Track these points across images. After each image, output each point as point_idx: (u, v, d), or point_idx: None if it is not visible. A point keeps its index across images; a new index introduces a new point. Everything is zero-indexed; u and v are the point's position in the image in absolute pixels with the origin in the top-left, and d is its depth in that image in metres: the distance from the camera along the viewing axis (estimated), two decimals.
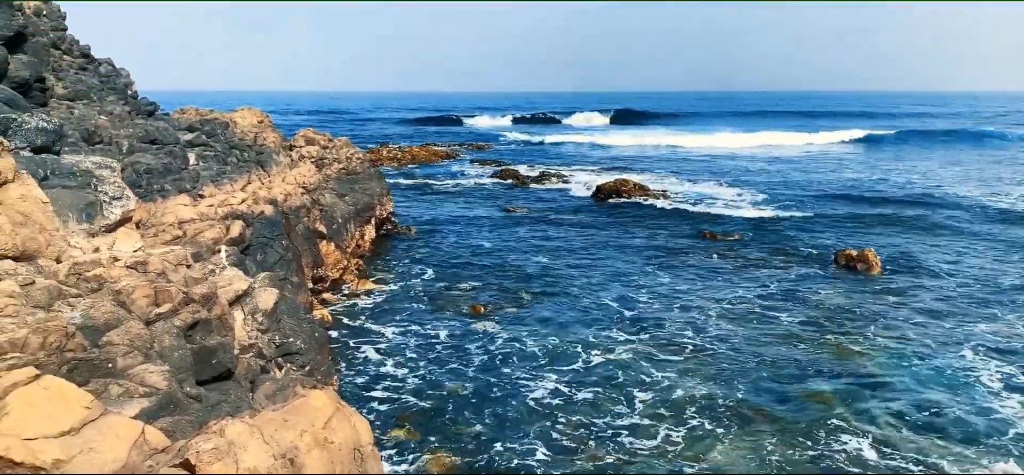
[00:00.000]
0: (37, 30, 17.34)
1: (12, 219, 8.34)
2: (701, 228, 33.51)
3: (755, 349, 18.68)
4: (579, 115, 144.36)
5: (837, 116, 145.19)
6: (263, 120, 27.22)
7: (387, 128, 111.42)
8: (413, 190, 46.42)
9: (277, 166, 24.14)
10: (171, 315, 8.46)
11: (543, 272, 26.24)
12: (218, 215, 16.31)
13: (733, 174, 54.18)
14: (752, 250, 29.38)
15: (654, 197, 42.02)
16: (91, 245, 9.73)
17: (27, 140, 11.11)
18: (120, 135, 17.35)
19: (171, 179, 17.43)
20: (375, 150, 64.32)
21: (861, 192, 44.91)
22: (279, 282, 14.49)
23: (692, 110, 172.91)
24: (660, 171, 56.37)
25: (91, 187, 10.94)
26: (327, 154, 30.76)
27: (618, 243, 30.96)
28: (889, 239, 31.11)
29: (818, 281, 24.93)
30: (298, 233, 21.11)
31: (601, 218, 36.71)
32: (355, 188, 29.46)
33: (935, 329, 20.17)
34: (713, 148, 77.69)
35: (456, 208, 39.77)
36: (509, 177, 52.18)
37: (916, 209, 38.54)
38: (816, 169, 57.66)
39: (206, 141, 21.10)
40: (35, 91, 14.93)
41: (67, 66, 18.78)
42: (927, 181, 50.84)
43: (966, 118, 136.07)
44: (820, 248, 29.45)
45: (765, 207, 39.51)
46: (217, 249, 14.09)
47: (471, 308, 21.86)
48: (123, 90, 20.32)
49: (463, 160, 65.12)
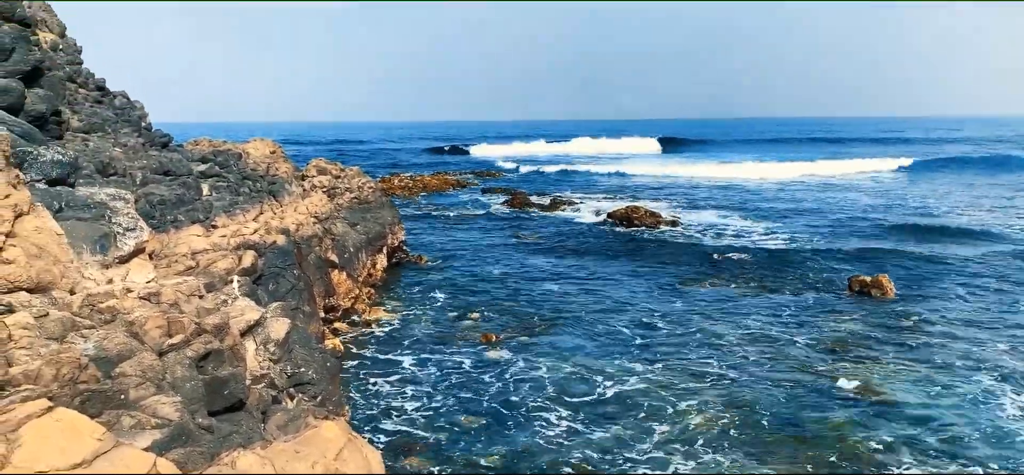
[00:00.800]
0: (54, 64, 17.57)
1: (27, 251, 8.40)
2: (714, 255, 33.39)
3: (770, 376, 18.52)
4: (628, 140, 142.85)
5: (871, 142, 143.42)
6: (275, 151, 27.40)
7: (399, 157, 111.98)
8: (424, 219, 46.53)
9: (289, 196, 24.27)
10: (183, 346, 8.47)
11: (555, 300, 26.17)
12: (230, 245, 16.38)
13: (750, 202, 53.91)
14: (765, 277, 29.21)
15: (666, 224, 41.94)
16: (105, 276, 9.78)
17: (42, 173, 11.22)
18: (134, 167, 17.49)
19: (184, 210, 17.53)
20: (386, 179, 64.62)
21: (879, 219, 44.54)
22: (291, 312, 14.51)
23: (721, 138, 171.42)
24: (674, 198, 56.32)
25: (105, 219, 11.01)
26: (339, 183, 30.91)
27: (629, 270, 30.88)
28: (904, 265, 30.86)
29: (832, 307, 24.74)
30: (310, 263, 21.16)
31: (612, 245, 36.65)
32: (366, 217, 29.56)
33: (951, 354, 19.94)
34: (733, 178, 75.58)
35: (467, 236, 39.82)
36: (520, 204, 52.25)
37: (935, 235, 38.27)
38: (834, 197, 57.21)
39: (219, 172, 21.25)
40: (51, 124, 15.09)
41: (82, 99, 19.00)
42: (956, 206, 50.63)
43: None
44: (834, 274, 29.26)
45: (779, 235, 39.34)
46: (229, 279, 14.13)
47: (483, 337, 21.79)
48: (137, 122, 20.51)
49: (474, 188, 65.29)
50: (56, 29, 19.51)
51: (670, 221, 42.58)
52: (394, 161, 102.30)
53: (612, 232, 40.78)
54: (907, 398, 17.03)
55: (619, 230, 41.26)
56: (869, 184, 68.72)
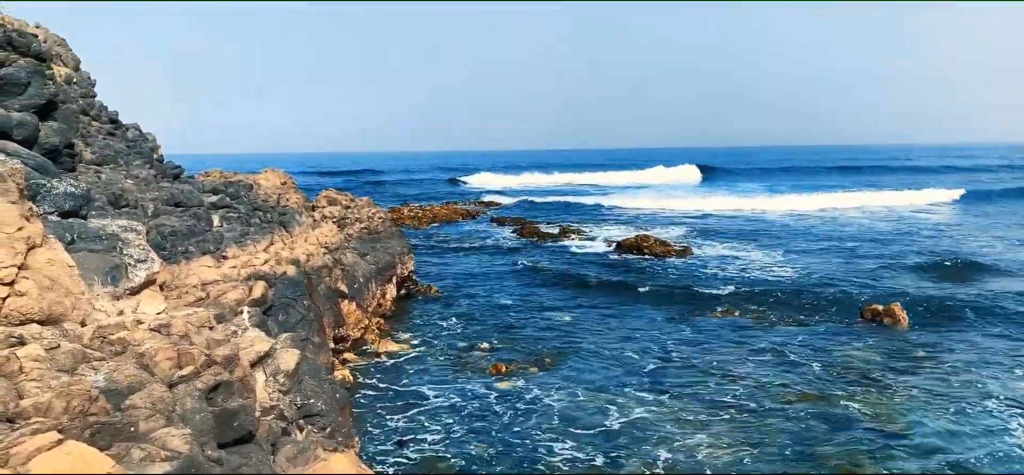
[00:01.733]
0: (68, 97, 17.79)
1: (39, 283, 8.44)
2: (725, 286, 33.25)
3: (781, 406, 18.35)
4: (664, 169, 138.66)
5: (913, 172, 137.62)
6: (286, 182, 27.58)
7: (411, 187, 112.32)
8: (434, 248, 46.56)
9: (300, 227, 24.35)
10: (193, 377, 8.46)
11: (565, 329, 26.07)
12: (241, 276, 16.42)
13: (768, 233, 53.62)
14: (776, 306, 29.03)
15: (677, 254, 41.78)
16: (116, 308, 9.80)
17: (55, 205, 11.31)
18: (146, 198, 17.61)
19: (195, 241, 17.61)
20: (396, 209, 64.81)
21: (895, 251, 44.19)
22: (301, 342, 14.49)
23: (770, 166, 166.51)
24: (690, 228, 56.23)
25: (116, 250, 11.07)
26: (349, 214, 31.02)
27: (639, 300, 30.76)
28: (918, 293, 30.62)
29: (844, 337, 24.55)
30: (320, 293, 21.19)
31: (622, 274, 36.53)
32: (376, 247, 29.62)
33: (964, 385, 19.73)
34: (768, 210, 71.39)
35: (477, 266, 39.81)
36: (530, 234, 52.26)
37: (956, 266, 37.97)
38: (851, 229, 56.65)
39: (230, 203, 21.37)
40: (64, 157, 15.24)
41: (95, 131, 19.21)
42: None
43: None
44: (846, 304, 29.05)
45: (791, 265, 39.15)
46: (239, 310, 14.14)
47: (493, 368, 21.70)
48: (149, 154, 20.70)
49: (484, 218, 65.38)
50: (70, 63, 19.78)
51: (680, 251, 42.39)
52: (405, 190, 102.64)
53: (622, 261, 40.67)
54: (920, 428, 16.83)
55: (629, 259, 41.15)
56: (917, 216, 64.16)
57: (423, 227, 58.59)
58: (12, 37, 13.90)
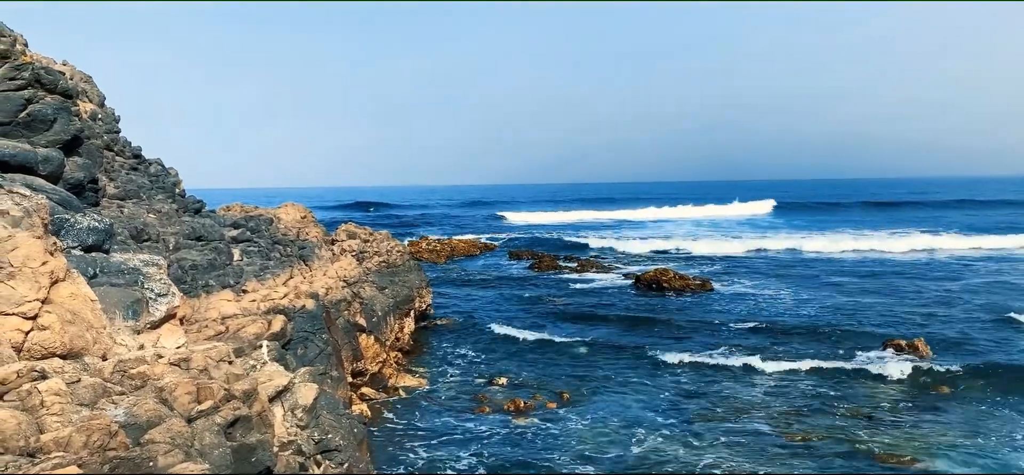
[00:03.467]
0: (92, 133, 18.06)
1: (61, 317, 8.51)
2: (747, 321, 32.96)
3: (801, 443, 18.07)
4: (739, 205, 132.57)
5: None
6: (306, 215, 27.75)
7: (433, 221, 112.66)
8: (452, 282, 46.58)
9: (319, 260, 24.46)
10: (212, 412, 8.47)
11: (581, 365, 25.90)
12: (260, 310, 16.48)
13: (800, 269, 53.06)
14: (798, 341, 28.71)
15: (696, 289, 41.49)
16: (136, 342, 9.85)
17: (79, 239, 11.43)
18: (167, 232, 17.78)
19: (215, 274, 17.72)
20: (415, 242, 64.99)
21: (932, 288, 43.58)
22: (319, 377, 14.49)
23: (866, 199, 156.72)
24: (715, 264, 55.91)
25: (138, 284, 11.15)
26: (368, 247, 31.14)
27: (659, 334, 30.54)
28: (943, 328, 30.19)
29: (867, 372, 24.17)
30: (338, 327, 21.21)
31: (641, 309, 36.32)
32: (395, 281, 29.67)
33: (989, 421, 19.36)
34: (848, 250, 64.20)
35: (494, 299, 39.74)
36: (548, 267, 52.18)
37: (980, 301, 37.47)
38: (884, 270, 55.92)
39: (250, 237, 21.52)
40: (88, 191, 15.43)
41: (119, 166, 19.45)
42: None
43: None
44: (869, 339, 28.67)
45: (814, 301, 38.77)
46: (259, 344, 14.18)
47: (511, 403, 21.56)
48: (171, 189, 20.92)
49: (502, 251, 65.38)
50: (96, 99, 20.09)
51: (700, 285, 42.07)
52: (423, 225, 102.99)
53: (640, 296, 40.48)
54: (943, 465, 16.51)
55: (648, 294, 40.94)
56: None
57: (441, 260, 58.67)
58: (40, 75, 14.16)
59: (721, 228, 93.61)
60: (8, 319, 8.08)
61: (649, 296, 40.29)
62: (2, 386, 7.03)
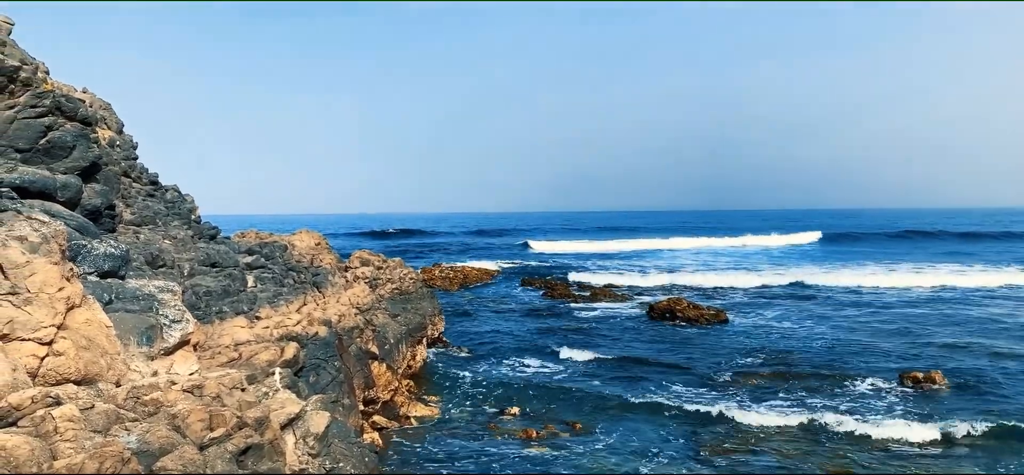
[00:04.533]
0: (110, 159, 18.26)
1: (77, 343, 8.55)
2: (760, 350, 32.71)
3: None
4: (778, 236, 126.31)
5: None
6: (320, 242, 27.87)
7: (448, 246, 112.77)
8: (465, 309, 46.53)
9: (332, 287, 24.52)
10: (225, 439, 8.46)
11: (594, 394, 25.72)
12: (273, 337, 16.52)
13: (818, 301, 52.68)
14: (813, 372, 28.40)
15: (711, 319, 41.22)
16: (150, 368, 9.89)
17: (95, 265, 11.51)
18: (182, 259, 17.89)
19: (229, 301, 17.79)
20: (428, 269, 65.06)
21: (946, 323, 43.09)
22: (331, 405, 14.47)
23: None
24: (742, 300, 55.61)
25: (152, 310, 11.21)
26: (381, 274, 31.19)
27: (672, 364, 30.33)
28: (961, 361, 29.82)
29: (883, 403, 23.90)
30: (351, 354, 21.21)
31: (654, 338, 36.14)
32: (407, 308, 29.68)
33: (1008, 455, 19.06)
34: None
35: (507, 327, 39.66)
36: (561, 295, 52.08)
37: (1002, 334, 37.02)
38: (902, 302, 55.60)
39: (264, 264, 21.61)
40: (105, 218, 15.57)
41: (136, 193, 19.63)
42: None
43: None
44: (885, 370, 28.36)
45: (830, 331, 38.45)
46: (271, 371, 14.20)
47: (523, 432, 21.44)
48: (187, 215, 21.08)
49: (515, 279, 65.32)
50: (114, 126, 20.33)
51: (713, 315, 41.78)
52: (437, 252, 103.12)
53: (653, 326, 40.27)
54: None
55: (661, 324, 40.73)
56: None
57: (454, 288, 58.67)
58: (61, 103, 14.36)
59: (754, 258, 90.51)
60: (24, 344, 8.13)
61: (662, 325, 40.07)
62: (16, 411, 7.06)
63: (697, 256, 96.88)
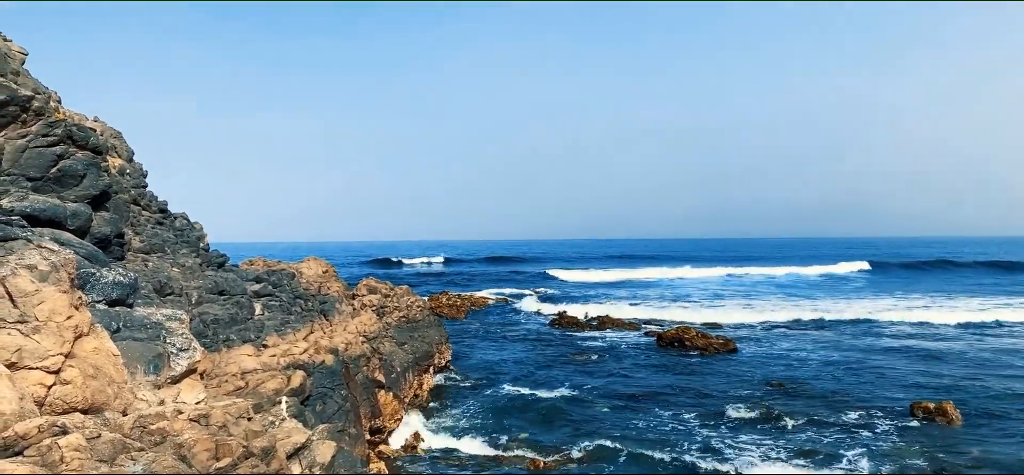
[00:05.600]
0: (120, 188, 18.37)
1: (84, 372, 8.56)
2: (771, 378, 32.48)
3: None
4: (819, 266, 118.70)
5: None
6: (328, 270, 27.91)
7: (456, 275, 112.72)
8: (473, 337, 46.41)
9: (339, 315, 24.52)
10: (230, 469, 8.43)
11: (605, 423, 25.56)
12: (280, 365, 16.50)
13: (832, 332, 52.33)
14: (824, 402, 28.17)
15: (718, 348, 40.96)
16: (156, 397, 9.88)
17: (103, 294, 11.55)
18: (190, 286, 17.93)
19: (236, 329, 17.80)
20: (436, 297, 65.01)
21: (961, 349, 42.73)
22: (337, 434, 14.42)
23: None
24: (742, 326, 55.33)
25: (160, 339, 11.22)
26: (388, 302, 31.18)
27: (681, 393, 30.12)
28: (974, 391, 29.53)
29: (893, 435, 23.65)
30: (357, 382, 21.15)
31: (663, 367, 35.92)
32: (414, 336, 29.63)
33: None
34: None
35: (514, 355, 39.50)
36: (569, 324, 51.90)
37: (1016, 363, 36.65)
38: (928, 338, 55.13)
39: (272, 291, 21.64)
40: (114, 245, 15.64)
41: (145, 221, 19.72)
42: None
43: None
44: (896, 401, 28.10)
45: (840, 358, 38.17)
46: (278, 400, 14.17)
47: (531, 463, 21.29)
48: (195, 243, 21.15)
49: (524, 307, 65.18)
50: (124, 154, 20.48)
51: (722, 344, 41.49)
52: (444, 280, 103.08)
53: (663, 354, 40.06)
54: None
55: (670, 352, 40.52)
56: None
57: (462, 316, 58.57)
58: (72, 132, 14.48)
59: (791, 289, 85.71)
60: (31, 373, 8.15)
61: (670, 354, 39.85)
62: (23, 441, 7.05)
63: (727, 284, 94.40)
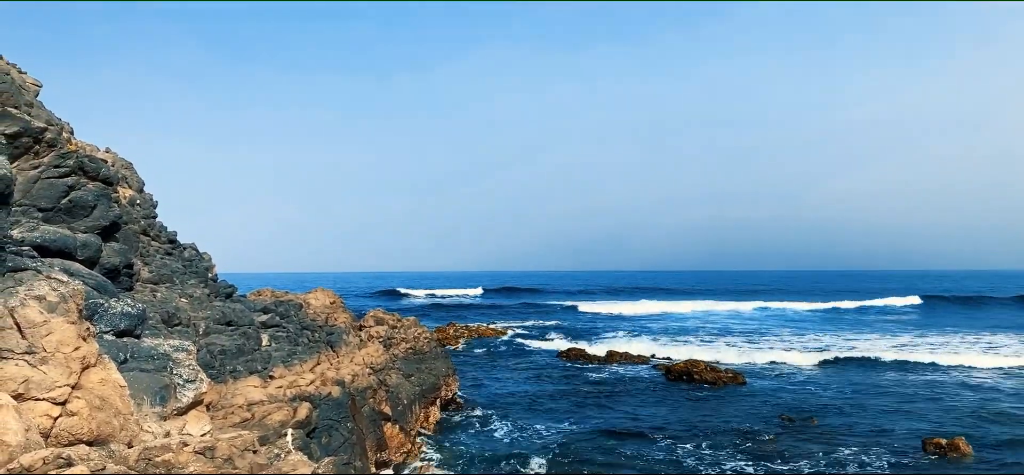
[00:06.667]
0: (130, 218, 18.48)
1: (90, 403, 8.56)
2: (780, 411, 32.19)
3: None
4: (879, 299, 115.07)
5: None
6: (335, 301, 27.91)
7: (466, 306, 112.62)
8: (478, 368, 46.23)
9: (346, 346, 24.48)
10: None
11: (611, 457, 25.35)
12: (286, 397, 16.46)
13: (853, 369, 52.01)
14: (833, 437, 27.89)
15: (727, 381, 40.66)
16: (162, 429, 9.86)
17: (111, 324, 11.57)
18: (198, 317, 17.96)
19: (243, 360, 17.80)
20: (442, 328, 64.90)
21: (977, 391, 42.36)
22: (343, 466, 14.35)
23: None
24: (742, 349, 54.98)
25: (167, 370, 11.22)
26: (395, 333, 31.14)
27: (690, 427, 29.88)
28: (985, 426, 29.21)
29: (904, 471, 23.36)
30: (363, 415, 21.07)
31: (671, 401, 35.68)
32: (421, 368, 29.54)
33: None
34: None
35: (521, 387, 39.30)
36: (576, 356, 51.68)
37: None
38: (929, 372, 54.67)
39: (279, 322, 21.65)
40: (123, 276, 15.71)
41: (154, 251, 19.81)
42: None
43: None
44: (907, 435, 27.80)
45: (850, 391, 37.84)
46: (284, 432, 14.13)
47: None
48: (204, 273, 21.21)
49: (532, 338, 64.98)
50: (135, 185, 20.62)
51: (731, 378, 41.19)
52: (453, 312, 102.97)
53: (671, 387, 39.80)
54: None
55: (678, 385, 40.27)
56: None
57: (470, 347, 58.42)
58: (83, 163, 14.61)
59: (833, 323, 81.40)
60: (38, 404, 8.15)
61: (679, 387, 39.59)
62: (28, 472, 7.03)
63: (766, 317, 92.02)
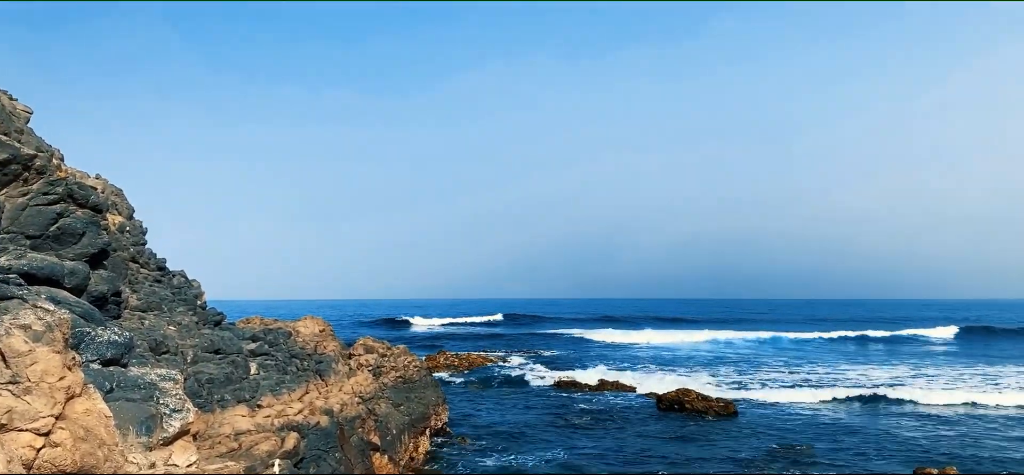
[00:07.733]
0: (119, 245, 18.40)
1: (74, 434, 8.47)
2: (771, 443, 32.12)
3: None
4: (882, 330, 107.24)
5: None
6: (324, 329, 27.79)
7: (456, 335, 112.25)
8: (469, 397, 45.99)
9: (335, 375, 24.33)
10: None
11: None
12: (274, 426, 16.33)
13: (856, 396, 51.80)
14: (827, 465, 27.82)
15: (718, 411, 40.49)
16: (147, 460, 9.75)
17: (98, 353, 11.48)
18: (186, 345, 17.84)
19: (231, 389, 17.66)
20: (433, 357, 64.61)
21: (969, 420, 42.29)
22: None
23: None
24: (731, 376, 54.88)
25: (153, 400, 11.11)
26: (385, 362, 30.99)
27: (683, 458, 29.76)
28: (976, 452, 29.20)
29: None
30: (352, 444, 20.90)
31: (663, 431, 35.55)
32: (411, 397, 29.37)
33: None
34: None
35: (511, 417, 39.09)
36: (567, 385, 51.50)
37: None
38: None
39: (268, 350, 21.52)
40: (111, 304, 15.60)
41: (143, 278, 19.70)
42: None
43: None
44: (899, 463, 27.76)
45: (843, 417, 37.80)
46: (271, 462, 14.00)
47: None
48: (193, 301, 21.10)
49: (523, 367, 64.71)
50: (124, 212, 20.55)
51: (722, 407, 41.00)
52: (442, 340, 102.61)
53: (662, 416, 39.67)
54: None
55: (669, 414, 40.14)
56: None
57: (458, 376, 58.15)
58: (73, 190, 14.56)
59: (857, 355, 78.46)
60: (21, 435, 8.05)
61: (670, 417, 39.46)
62: None
63: (779, 348, 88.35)
